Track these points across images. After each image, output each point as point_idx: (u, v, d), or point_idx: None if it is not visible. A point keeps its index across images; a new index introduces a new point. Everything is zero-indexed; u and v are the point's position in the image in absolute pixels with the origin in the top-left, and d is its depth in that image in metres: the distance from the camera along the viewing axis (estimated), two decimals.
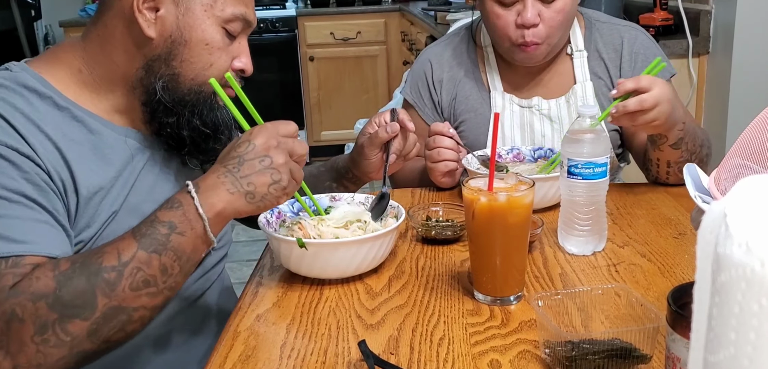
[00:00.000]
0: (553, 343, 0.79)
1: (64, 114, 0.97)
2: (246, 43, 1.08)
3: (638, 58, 1.48)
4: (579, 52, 1.50)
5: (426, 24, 3.65)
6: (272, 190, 0.93)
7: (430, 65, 1.57)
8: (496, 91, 1.51)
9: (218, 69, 1.03)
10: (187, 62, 1.01)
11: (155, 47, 0.99)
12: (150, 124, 1.04)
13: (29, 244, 0.87)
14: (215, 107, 1.06)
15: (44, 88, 0.97)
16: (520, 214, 0.94)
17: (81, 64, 1.01)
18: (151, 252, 0.87)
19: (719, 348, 0.36)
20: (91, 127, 0.99)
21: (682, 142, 1.31)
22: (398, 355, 0.84)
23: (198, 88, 1.03)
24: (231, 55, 1.05)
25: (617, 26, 1.53)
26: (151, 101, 1.02)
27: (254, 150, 0.92)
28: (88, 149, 0.98)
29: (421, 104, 1.57)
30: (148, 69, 1.00)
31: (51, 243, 0.89)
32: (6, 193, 0.87)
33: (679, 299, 0.68)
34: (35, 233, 0.88)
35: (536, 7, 1.37)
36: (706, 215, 0.38)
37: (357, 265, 1.03)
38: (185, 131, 1.04)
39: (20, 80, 0.96)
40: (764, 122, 0.80)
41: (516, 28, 1.39)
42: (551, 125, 1.48)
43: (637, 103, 1.17)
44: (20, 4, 4.38)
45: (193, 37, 1.00)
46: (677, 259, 1.08)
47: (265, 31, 4.63)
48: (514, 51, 1.43)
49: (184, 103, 1.02)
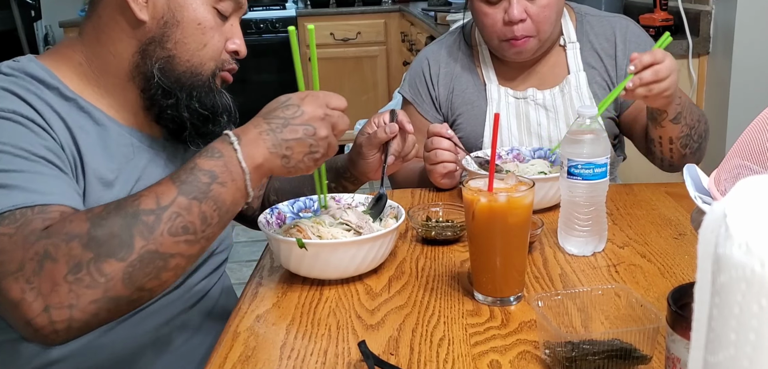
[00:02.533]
0: (553, 343, 0.79)
1: (70, 104, 0.98)
2: (238, 24, 1.09)
3: (631, 46, 1.51)
4: (572, 44, 1.53)
5: (426, 24, 3.65)
6: (306, 159, 0.94)
7: (427, 62, 1.60)
8: (492, 83, 1.55)
9: (212, 49, 1.04)
10: (181, 43, 1.02)
11: (148, 30, 1.00)
12: (149, 110, 1.05)
13: (54, 195, 0.86)
14: (214, 90, 1.06)
15: (51, 78, 0.98)
16: (520, 215, 0.94)
17: (81, 57, 1.02)
18: (191, 198, 0.86)
19: (719, 348, 0.36)
20: (97, 118, 1.01)
21: (681, 117, 1.34)
22: (398, 356, 0.84)
23: (194, 69, 1.03)
24: (224, 35, 1.06)
25: (608, 18, 1.57)
26: (149, 86, 1.02)
27: (302, 117, 0.93)
28: (95, 139, 0.99)
29: (419, 101, 1.59)
30: (143, 53, 1.01)
31: (74, 198, 0.89)
32: (25, 153, 0.87)
33: (679, 300, 0.68)
34: (59, 187, 0.88)
35: (522, 4, 1.40)
36: (707, 216, 0.38)
37: (357, 266, 1.03)
38: (185, 113, 1.04)
39: (28, 70, 0.97)
40: (764, 123, 0.80)
41: (503, 24, 1.43)
42: (547, 114, 1.51)
43: (653, 73, 1.19)
44: (20, 4, 4.38)
45: (185, 17, 1.01)
46: (677, 260, 1.08)
47: (264, 31, 4.63)
48: (503, 47, 1.47)
49: (182, 85, 1.03)
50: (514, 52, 1.46)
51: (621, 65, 1.51)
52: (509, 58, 1.50)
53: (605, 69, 1.52)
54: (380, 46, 4.83)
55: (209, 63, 1.05)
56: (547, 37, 1.46)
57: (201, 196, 0.86)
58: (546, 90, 1.52)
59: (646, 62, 1.19)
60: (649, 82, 1.20)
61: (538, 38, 1.44)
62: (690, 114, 1.36)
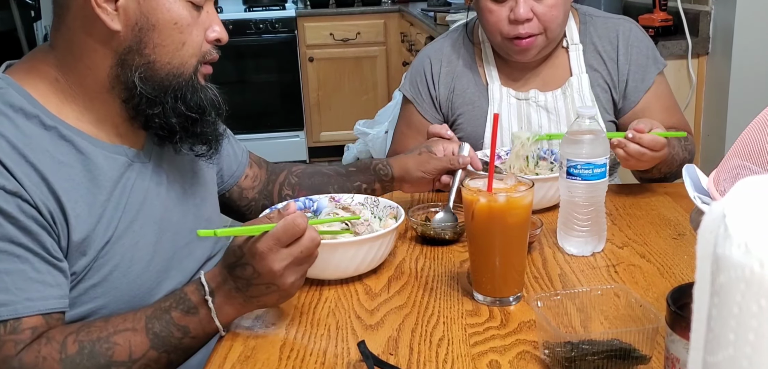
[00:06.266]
0: (552, 343, 0.79)
1: (51, 134, 0.93)
2: (214, 10, 1.03)
3: (633, 50, 1.51)
4: (575, 45, 1.53)
5: (425, 25, 3.65)
6: (282, 299, 0.93)
7: (429, 61, 1.59)
8: (494, 84, 1.54)
9: (192, 45, 0.99)
10: (160, 46, 0.96)
11: (124, 39, 0.95)
12: (134, 120, 1.00)
13: (23, 302, 0.86)
14: (198, 88, 1.01)
15: (31, 105, 0.93)
16: (519, 215, 0.94)
17: (56, 73, 0.97)
18: (161, 352, 0.90)
19: (718, 349, 0.36)
20: (80, 146, 0.96)
21: (654, 169, 1.36)
22: (397, 356, 0.84)
23: (176, 70, 0.98)
24: (202, 27, 1.00)
25: (612, 20, 1.56)
26: (132, 96, 0.97)
27: (260, 278, 0.88)
28: (78, 172, 0.95)
29: (419, 100, 1.59)
30: (121, 64, 0.96)
31: (46, 296, 0.88)
32: None
33: (679, 300, 0.68)
34: (29, 288, 0.87)
35: (529, 3, 1.40)
36: (706, 216, 0.38)
37: (356, 266, 1.03)
38: (173, 119, 1.00)
39: (6, 98, 0.92)
40: (763, 123, 0.80)
41: (508, 23, 1.42)
42: (548, 116, 1.51)
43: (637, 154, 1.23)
44: (20, 5, 4.37)
45: (160, 19, 0.95)
46: (676, 260, 1.08)
47: (264, 31, 4.63)
48: (507, 46, 1.46)
49: (165, 89, 0.98)
50: (518, 51, 1.45)
51: (622, 69, 1.51)
52: (513, 58, 1.49)
53: (607, 71, 1.52)
54: (380, 46, 4.83)
55: (191, 60, 0.99)
56: (554, 36, 1.45)
57: (172, 350, 0.91)
58: (548, 92, 1.51)
59: (643, 141, 1.22)
60: (629, 155, 1.24)
61: (546, 36, 1.43)
62: (666, 164, 1.36)
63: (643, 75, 1.50)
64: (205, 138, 1.03)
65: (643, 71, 1.50)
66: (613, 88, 1.51)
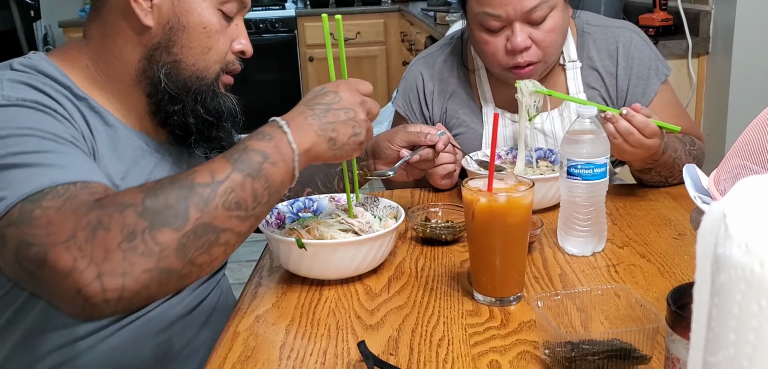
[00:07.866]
0: (552, 343, 0.79)
1: (82, 103, 0.99)
2: (243, 24, 1.09)
3: (634, 63, 1.45)
4: (572, 63, 1.47)
5: (425, 24, 3.65)
6: (351, 141, 0.96)
7: (421, 78, 1.55)
8: (488, 106, 1.50)
9: (218, 52, 1.04)
10: (187, 47, 1.02)
11: (154, 36, 1.01)
12: (156, 114, 1.05)
13: (94, 174, 0.87)
14: (218, 95, 1.06)
15: (62, 77, 0.98)
16: (519, 215, 0.94)
17: (87, 60, 1.02)
18: (245, 175, 0.86)
19: (719, 349, 0.36)
20: (107, 120, 1.01)
21: (649, 171, 1.33)
22: (398, 356, 0.84)
23: (199, 73, 1.04)
24: (229, 37, 1.06)
25: (611, 28, 1.49)
26: (156, 91, 1.03)
27: (340, 102, 0.96)
28: (105, 138, 1.00)
29: (412, 117, 1.56)
30: (149, 58, 1.02)
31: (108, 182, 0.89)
32: (55, 137, 0.88)
33: (679, 300, 0.68)
34: (94, 170, 0.89)
35: (525, 31, 1.33)
36: (706, 216, 0.38)
37: (356, 266, 1.03)
38: (191, 119, 1.04)
39: (39, 67, 0.97)
40: (764, 123, 0.80)
41: (506, 53, 1.36)
42: (545, 139, 1.46)
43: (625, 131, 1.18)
44: (20, 4, 4.38)
45: (190, 22, 1.01)
46: (677, 260, 1.08)
47: (264, 31, 4.63)
48: (507, 75, 1.40)
49: (187, 89, 1.03)
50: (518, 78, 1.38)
51: (621, 84, 1.45)
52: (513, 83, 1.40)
53: (606, 88, 1.46)
54: (380, 46, 4.83)
55: (214, 66, 1.05)
56: (553, 61, 1.40)
57: (254, 174, 0.87)
58: (544, 113, 1.45)
59: (634, 120, 1.18)
60: (618, 131, 1.19)
61: (544, 62, 1.37)
62: (667, 168, 1.33)
63: (644, 89, 1.44)
64: (219, 144, 1.06)
65: (644, 85, 1.44)
66: (613, 105, 1.46)
